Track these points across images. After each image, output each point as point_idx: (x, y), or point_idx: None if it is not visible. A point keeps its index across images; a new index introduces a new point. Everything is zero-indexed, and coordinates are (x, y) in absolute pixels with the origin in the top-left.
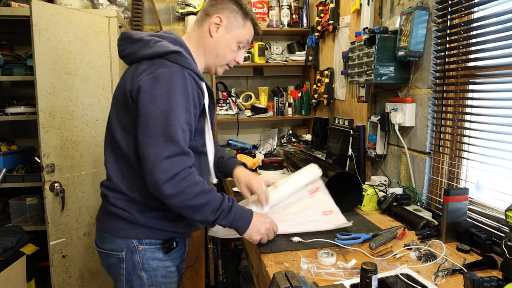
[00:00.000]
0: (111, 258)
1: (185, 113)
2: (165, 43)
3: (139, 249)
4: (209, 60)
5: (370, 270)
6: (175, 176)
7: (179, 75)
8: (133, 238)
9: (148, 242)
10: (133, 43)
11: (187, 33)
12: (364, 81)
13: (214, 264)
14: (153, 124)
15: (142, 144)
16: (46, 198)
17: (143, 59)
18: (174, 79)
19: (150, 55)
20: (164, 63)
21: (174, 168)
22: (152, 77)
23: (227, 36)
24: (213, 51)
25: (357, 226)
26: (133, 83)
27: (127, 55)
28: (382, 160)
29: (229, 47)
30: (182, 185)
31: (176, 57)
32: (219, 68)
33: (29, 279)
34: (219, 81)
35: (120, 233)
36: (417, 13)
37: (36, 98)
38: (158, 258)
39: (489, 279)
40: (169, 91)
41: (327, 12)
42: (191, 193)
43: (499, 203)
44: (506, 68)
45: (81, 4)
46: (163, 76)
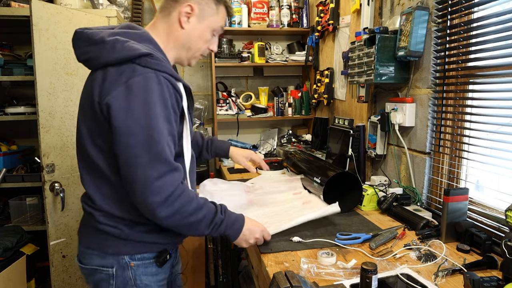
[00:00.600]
0: (99, 274)
1: (167, 124)
2: (133, 44)
3: (131, 265)
4: (181, 53)
5: (370, 270)
6: (169, 197)
7: (154, 82)
8: (125, 254)
9: (140, 257)
10: (93, 45)
11: (153, 24)
12: (364, 81)
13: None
14: (134, 142)
15: (127, 164)
16: (46, 198)
17: (109, 65)
18: (149, 88)
19: (117, 60)
20: (135, 69)
21: (166, 189)
22: (125, 88)
23: (200, 26)
24: (185, 44)
25: (357, 226)
26: (102, 95)
27: (89, 59)
28: (382, 160)
29: (202, 38)
30: (177, 205)
31: (148, 61)
32: (192, 60)
33: (29, 279)
34: (219, 81)
35: (109, 250)
36: (417, 13)
37: (36, 98)
38: (151, 273)
39: (489, 279)
40: (146, 103)
41: (327, 12)
42: (186, 212)
43: (499, 203)
44: (506, 68)
45: (81, 4)
46: (137, 86)
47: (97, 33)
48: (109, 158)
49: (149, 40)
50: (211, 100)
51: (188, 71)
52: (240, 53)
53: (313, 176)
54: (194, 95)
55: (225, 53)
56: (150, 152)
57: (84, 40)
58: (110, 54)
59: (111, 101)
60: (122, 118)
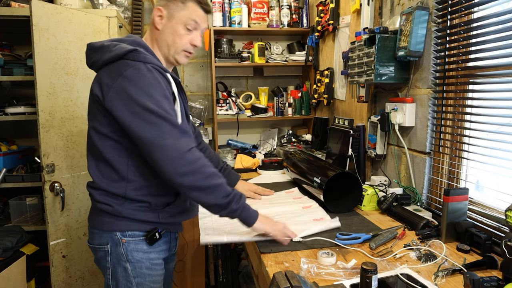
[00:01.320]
0: (98, 252)
1: (164, 100)
2: (123, 45)
3: (123, 241)
4: (165, 52)
5: (370, 270)
6: (187, 154)
7: (145, 70)
8: (117, 231)
9: (131, 234)
10: (96, 51)
11: (145, 34)
12: (364, 81)
13: (214, 264)
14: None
15: (140, 136)
16: (46, 198)
17: (106, 64)
18: (142, 75)
19: (111, 58)
20: (126, 63)
21: (183, 146)
22: (122, 79)
23: (170, 23)
24: (163, 43)
25: (357, 226)
26: (102, 89)
27: (93, 63)
28: (382, 160)
29: (175, 33)
30: (196, 164)
31: (135, 55)
32: (177, 57)
33: (29, 279)
34: (219, 81)
35: (104, 226)
36: (417, 13)
37: (36, 98)
38: (142, 250)
39: (489, 279)
40: (142, 87)
41: (327, 12)
42: (206, 172)
43: (499, 203)
44: (506, 68)
45: (81, 4)
46: (131, 75)
47: (99, 42)
48: (107, 140)
49: (140, 44)
50: (211, 100)
51: (188, 71)
52: (240, 53)
53: (313, 176)
54: (194, 95)
55: (225, 53)
56: (158, 117)
57: (90, 49)
58: (106, 55)
59: (110, 94)
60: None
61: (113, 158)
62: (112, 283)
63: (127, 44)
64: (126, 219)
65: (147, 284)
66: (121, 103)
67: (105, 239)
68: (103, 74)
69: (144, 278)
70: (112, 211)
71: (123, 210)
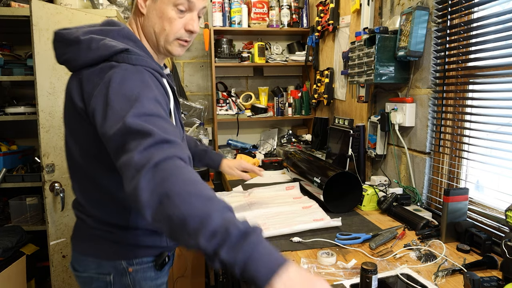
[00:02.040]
0: (96, 282)
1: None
2: (108, 42)
3: (130, 270)
4: (153, 42)
5: (370, 270)
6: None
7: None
8: (122, 259)
9: (138, 261)
10: (69, 46)
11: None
12: (364, 81)
13: None
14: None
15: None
16: (46, 198)
17: (86, 66)
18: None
19: (92, 60)
20: (113, 65)
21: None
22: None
23: (156, 5)
24: (150, 30)
25: (357, 226)
26: (86, 99)
27: (66, 61)
28: (382, 160)
29: (164, 17)
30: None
31: (125, 56)
32: (170, 47)
33: (29, 279)
34: (219, 81)
35: (105, 255)
36: (417, 13)
37: (36, 98)
38: (151, 277)
39: (489, 279)
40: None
41: (327, 12)
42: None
43: (499, 203)
44: (506, 68)
45: (81, 4)
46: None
47: (73, 32)
48: (98, 163)
49: (128, 36)
50: (211, 100)
51: (188, 71)
52: (240, 53)
53: (313, 176)
54: (194, 95)
55: (225, 53)
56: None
57: (60, 41)
58: (86, 55)
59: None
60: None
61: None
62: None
63: (113, 39)
64: (132, 246)
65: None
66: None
67: (106, 269)
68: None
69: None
70: (115, 238)
71: (128, 237)
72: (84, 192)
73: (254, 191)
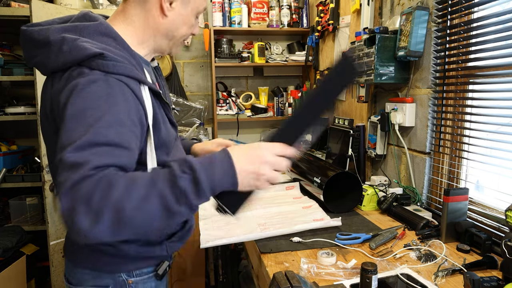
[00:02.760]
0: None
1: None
2: (82, 43)
3: (129, 282)
4: (163, 43)
5: (370, 270)
6: (72, 189)
7: (101, 85)
8: (122, 272)
9: (139, 273)
10: (39, 48)
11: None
12: (364, 81)
13: (214, 264)
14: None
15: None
16: (46, 198)
17: (57, 71)
18: (91, 93)
19: (64, 64)
20: (82, 72)
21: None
22: (65, 98)
23: (185, 11)
24: (168, 33)
25: (357, 226)
26: (53, 107)
27: (37, 64)
28: (382, 160)
29: (187, 23)
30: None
31: (99, 63)
32: (176, 49)
33: (29, 279)
34: (219, 81)
35: (104, 267)
36: (417, 13)
37: (36, 98)
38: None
39: (489, 279)
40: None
41: (327, 12)
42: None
43: (499, 203)
44: (506, 68)
45: (81, 4)
46: (78, 91)
47: (43, 31)
48: None
49: (106, 33)
50: (211, 100)
51: (188, 71)
52: (240, 53)
53: (313, 176)
54: (194, 95)
55: (225, 53)
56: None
57: (29, 41)
58: (57, 59)
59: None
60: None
61: None
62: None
63: (89, 40)
64: (130, 257)
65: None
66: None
67: (104, 281)
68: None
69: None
70: (113, 251)
71: (127, 249)
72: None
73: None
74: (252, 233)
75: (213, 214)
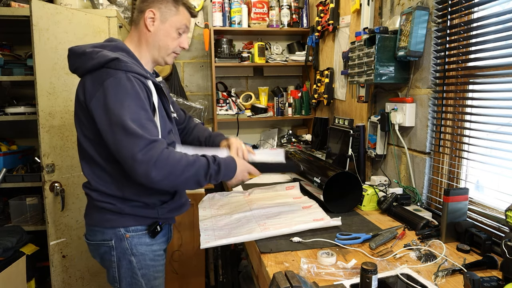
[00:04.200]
0: (102, 247)
1: (142, 111)
2: (105, 53)
3: (127, 236)
4: (154, 53)
5: (370, 270)
6: (156, 163)
7: (124, 80)
8: (120, 227)
9: (134, 229)
10: (78, 58)
11: (129, 35)
12: (364, 81)
13: (214, 264)
14: (116, 130)
15: (115, 150)
16: (46, 198)
17: (89, 71)
18: (121, 85)
19: (93, 66)
20: (108, 72)
21: (151, 157)
22: (102, 90)
23: (164, 26)
24: (155, 44)
25: (357, 226)
26: (87, 97)
27: (76, 70)
28: (382, 160)
29: (169, 36)
30: (167, 167)
31: (117, 63)
32: (167, 58)
33: (29, 279)
34: (219, 81)
35: (107, 224)
36: (417, 13)
37: (36, 98)
38: (145, 243)
39: (489, 279)
40: (119, 97)
41: (327, 12)
42: (178, 170)
43: (499, 203)
44: (506, 68)
45: (81, 4)
46: (110, 85)
47: (81, 48)
48: (97, 146)
49: (122, 49)
50: (211, 100)
51: (188, 71)
52: (240, 53)
53: (313, 176)
54: (194, 95)
55: (225, 53)
56: (127, 134)
57: (72, 55)
58: (89, 62)
59: (93, 102)
60: (102, 114)
61: (107, 163)
62: (117, 275)
63: (109, 50)
64: (128, 215)
65: (151, 274)
66: (101, 113)
67: (109, 235)
68: (87, 82)
69: (148, 269)
70: (115, 209)
71: (125, 208)
72: (90, 170)
73: (254, 191)
74: (252, 233)
75: (213, 215)
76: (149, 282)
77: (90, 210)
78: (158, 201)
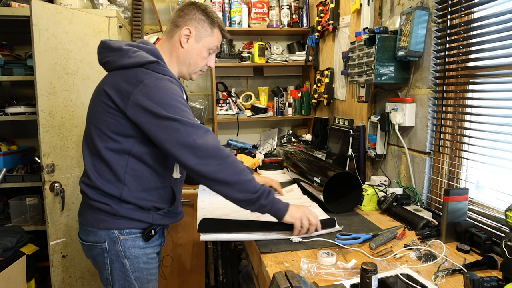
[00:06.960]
0: (95, 249)
1: (187, 109)
2: (143, 54)
3: (120, 238)
4: (183, 69)
5: (370, 270)
6: (216, 150)
7: (165, 81)
8: (114, 229)
9: (128, 231)
10: (112, 52)
11: (159, 44)
12: (364, 81)
13: (214, 264)
14: (168, 124)
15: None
16: (46, 198)
17: (123, 68)
18: (163, 85)
19: (130, 64)
20: (146, 72)
21: (210, 143)
22: (143, 87)
23: (197, 46)
24: (185, 61)
25: (357, 226)
26: (121, 94)
27: (107, 62)
28: (382, 160)
29: (200, 55)
30: (229, 160)
31: (155, 67)
32: (193, 75)
33: (29, 279)
34: (219, 81)
35: (101, 225)
36: (417, 13)
37: (36, 98)
38: (139, 246)
39: (489, 279)
40: (165, 94)
41: (327, 12)
42: (237, 168)
43: (499, 203)
44: (506, 68)
45: (81, 4)
46: (153, 83)
47: (116, 42)
48: (109, 141)
49: (156, 55)
50: (211, 100)
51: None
52: (240, 53)
53: (313, 176)
54: (194, 95)
55: (225, 53)
56: (184, 124)
57: (105, 47)
58: (125, 59)
59: (132, 98)
60: (145, 110)
61: (112, 160)
62: (110, 277)
63: (146, 52)
64: (123, 218)
65: (145, 277)
66: (143, 109)
67: (102, 237)
68: (119, 79)
69: (142, 272)
70: (110, 210)
71: (120, 210)
72: (93, 165)
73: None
74: (252, 233)
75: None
76: (142, 285)
77: (84, 209)
78: (154, 208)
